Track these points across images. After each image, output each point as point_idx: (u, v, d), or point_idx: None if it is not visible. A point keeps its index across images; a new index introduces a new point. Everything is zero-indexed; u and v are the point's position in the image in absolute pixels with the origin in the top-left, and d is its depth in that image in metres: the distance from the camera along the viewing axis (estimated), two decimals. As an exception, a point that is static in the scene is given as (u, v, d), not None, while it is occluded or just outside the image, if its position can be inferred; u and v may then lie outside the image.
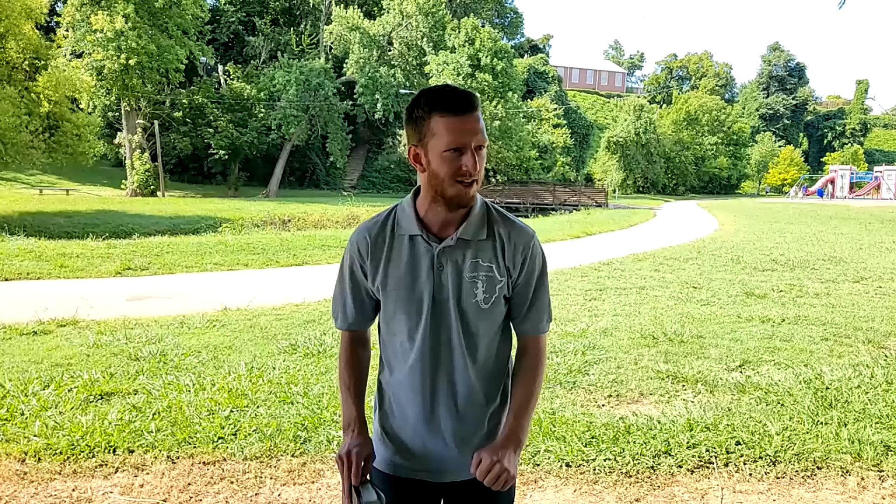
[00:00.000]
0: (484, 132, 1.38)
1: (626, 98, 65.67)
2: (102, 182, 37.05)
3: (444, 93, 1.38)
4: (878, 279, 9.58)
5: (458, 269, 1.45)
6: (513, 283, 1.50)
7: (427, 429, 1.51)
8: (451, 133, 1.35)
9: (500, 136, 35.84)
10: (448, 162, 1.37)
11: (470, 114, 1.36)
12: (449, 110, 1.36)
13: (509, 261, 1.48)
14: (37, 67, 21.07)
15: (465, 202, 1.42)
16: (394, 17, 41.33)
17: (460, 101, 1.36)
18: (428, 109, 1.37)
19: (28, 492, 2.95)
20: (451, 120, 1.36)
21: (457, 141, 1.36)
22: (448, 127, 1.35)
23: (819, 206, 35.05)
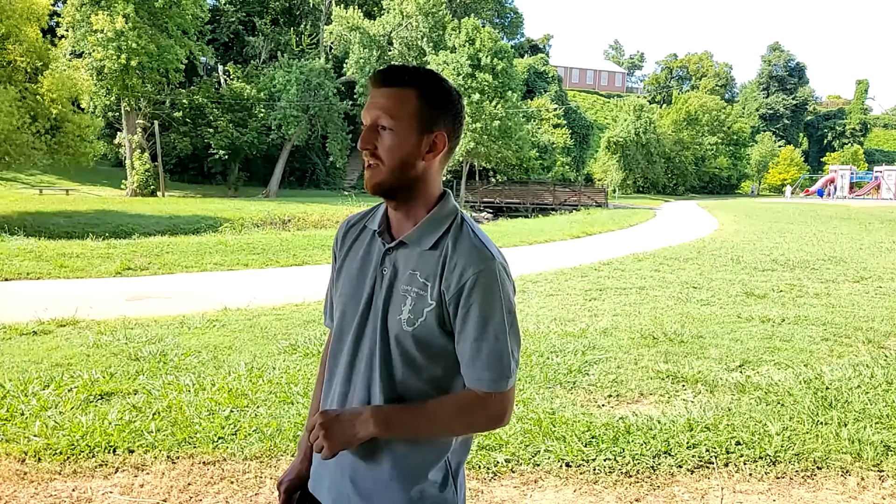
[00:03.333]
0: (391, 111, 1.20)
1: (626, 98, 65.66)
2: (102, 182, 37.04)
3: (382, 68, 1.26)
4: (878, 279, 9.57)
5: (395, 278, 1.25)
6: (450, 317, 1.21)
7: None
8: (366, 108, 1.24)
9: (500, 136, 35.78)
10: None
11: (381, 87, 1.22)
12: (371, 83, 1.25)
13: (444, 285, 1.20)
14: (37, 69, 21.07)
15: (368, 186, 1.25)
16: (394, 18, 41.32)
17: (381, 73, 1.23)
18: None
19: (28, 492, 2.95)
20: (370, 94, 1.25)
21: (365, 115, 1.23)
22: (367, 101, 1.25)
23: (819, 206, 35.04)
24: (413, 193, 1.26)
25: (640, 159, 52.27)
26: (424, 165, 1.25)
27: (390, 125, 1.21)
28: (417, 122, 1.22)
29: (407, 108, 1.21)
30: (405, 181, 1.24)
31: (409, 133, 1.22)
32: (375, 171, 1.23)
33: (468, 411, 1.23)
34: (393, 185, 1.24)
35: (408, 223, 1.27)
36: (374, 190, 1.24)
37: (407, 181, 1.24)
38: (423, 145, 1.24)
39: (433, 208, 1.27)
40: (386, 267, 1.26)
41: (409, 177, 1.24)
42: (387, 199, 1.27)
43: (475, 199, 37.17)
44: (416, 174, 1.24)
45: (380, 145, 1.21)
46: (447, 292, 1.20)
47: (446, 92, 1.26)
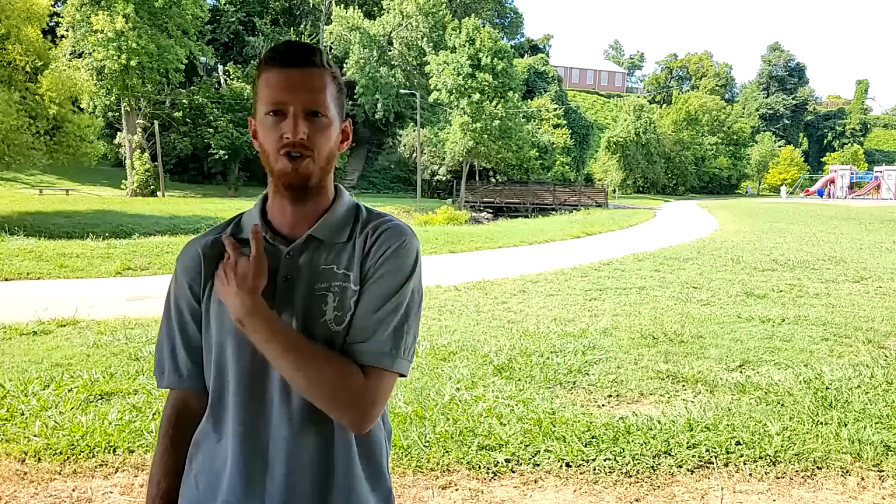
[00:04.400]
0: (324, 98, 1.07)
1: (626, 98, 65.69)
2: (102, 182, 37.04)
3: (278, 45, 1.09)
4: (878, 279, 9.57)
5: (307, 280, 1.09)
6: (351, 293, 1.09)
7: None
8: (270, 89, 1.05)
9: (500, 135, 35.82)
10: (269, 128, 1.06)
11: (297, 68, 1.05)
12: (271, 62, 1.06)
13: (370, 262, 1.10)
14: (37, 69, 21.07)
15: (296, 182, 1.07)
16: (394, 18, 41.36)
17: (290, 51, 1.06)
18: (258, 67, 1.08)
19: (28, 492, 2.95)
20: (272, 74, 1.06)
21: (274, 99, 1.05)
22: (268, 82, 1.06)
23: (819, 206, 35.04)
24: (325, 187, 1.14)
25: (640, 159, 52.29)
26: (336, 156, 1.14)
27: (323, 111, 1.07)
28: (339, 108, 1.12)
29: (330, 91, 1.09)
30: (327, 174, 1.12)
31: (335, 120, 1.10)
32: (306, 164, 1.06)
33: (346, 377, 1.03)
34: (319, 179, 1.10)
35: (307, 219, 1.12)
36: (302, 183, 1.07)
37: (328, 174, 1.13)
38: (342, 134, 1.15)
39: (334, 201, 1.16)
40: (291, 271, 1.09)
41: (330, 169, 1.12)
42: (303, 194, 1.10)
43: (475, 199, 37.18)
44: (333, 166, 1.15)
45: (311, 134, 1.06)
46: (372, 268, 1.10)
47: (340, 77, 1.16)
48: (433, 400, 3.95)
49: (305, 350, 1.04)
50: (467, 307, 7.38)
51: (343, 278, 1.09)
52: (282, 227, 1.13)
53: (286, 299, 1.08)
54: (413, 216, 28.63)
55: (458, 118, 35.09)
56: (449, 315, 6.94)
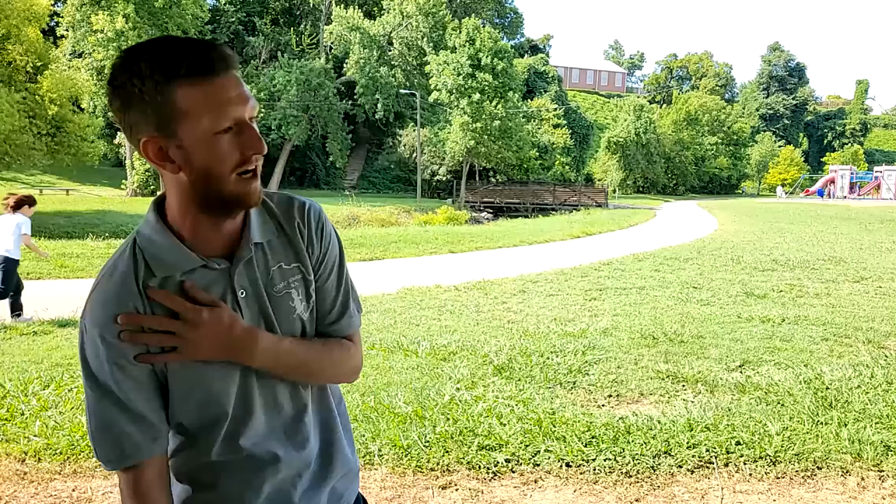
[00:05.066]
0: (253, 97, 0.98)
1: (626, 98, 65.68)
2: (102, 182, 37.06)
3: (179, 49, 0.92)
4: (878, 279, 9.57)
5: (265, 286, 1.06)
6: (316, 275, 1.12)
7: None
8: (215, 105, 0.92)
9: (500, 135, 35.82)
10: (222, 149, 0.94)
11: (229, 73, 0.94)
12: (198, 72, 0.91)
13: (313, 248, 1.11)
14: (37, 69, 21.08)
15: (254, 201, 1.00)
16: (394, 18, 41.33)
17: (210, 55, 0.93)
18: (162, 78, 0.91)
19: (28, 492, 2.95)
20: (207, 86, 0.92)
21: (228, 114, 0.93)
22: (207, 97, 0.92)
23: (819, 206, 35.05)
24: None
25: (640, 159, 52.29)
26: None
27: (256, 117, 1.00)
28: None
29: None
30: None
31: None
32: (258, 179, 1.00)
33: (345, 355, 1.16)
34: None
35: (235, 229, 1.04)
36: (257, 202, 1.01)
37: None
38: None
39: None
40: (243, 287, 1.04)
41: None
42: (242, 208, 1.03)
43: (475, 200, 37.18)
44: None
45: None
46: (319, 254, 1.12)
47: None
48: (433, 400, 3.95)
49: (310, 352, 1.10)
50: (467, 307, 7.38)
51: (298, 271, 1.09)
52: (207, 246, 1.02)
53: (254, 313, 1.05)
54: (413, 216, 28.64)
55: (458, 118, 35.09)
56: (449, 315, 6.94)
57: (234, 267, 1.03)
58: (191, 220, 1.01)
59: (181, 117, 0.92)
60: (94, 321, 0.97)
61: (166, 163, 0.96)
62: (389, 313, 6.95)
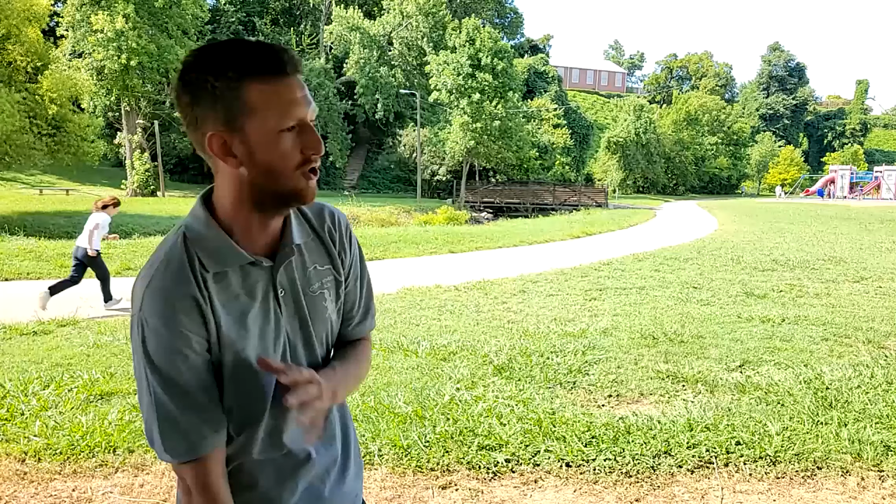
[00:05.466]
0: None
1: (626, 98, 65.68)
2: (102, 182, 37.06)
3: (254, 50, 0.97)
4: (878, 279, 9.57)
5: (302, 286, 1.10)
6: (345, 288, 1.19)
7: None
8: (283, 104, 0.97)
9: (500, 136, 35.83)
10: (285, 147, 0.98)
11: (296, 76, 0.99)
12: (270, 71, 0.96)
13: (345, 252, 1.17)
14: (37, 69, 21.09)
15: (312, 197, 1.04)
16: (394, 18, 41.37)
17: (282, 58, 0.97)
18: (235, 75, 0.95)
19: (28, 492, 2.95)
20: (277, 86, 0.96)
21: (293, 114, 0.97)
22: (276, 96, 0.96)
23: (819, 206, 35.04)
24: None
25: (640, 159, 52.30)
26: None
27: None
28: None
29: None
30: None
31: None
32: (317, 176, 1.05)
33: (368, 358, 1.26)
34: None
35: (276, 230, 1.08)
36: (314, 197, 1.07)
37: None
38: None
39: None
40: (283, 286, 1.08)
41: None
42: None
43: (475, 200, 37.19)
44: None
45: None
46: (346, 258, 1.18)
47: None
48: (433, 400, 3.95)
49: (354, 374, 1.20)
50: (467, 307, 7.38)
51: (330, 273, 1.15)
52: (255, 243, 1.05)
53: (290, 312, 1.09)
54: (413, 216, 28.64)
55: (458, 118, 35.10)
56: (449, 315, 6.94)
57: (276, 266, 1.06)
58: (243, 216, 1.03)
59: (249, 113, 0.96)
60: (156, 312, 0.97)
61: (228, 157, 0.99)
62: (389, 313, 6.95)
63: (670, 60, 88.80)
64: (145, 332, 0.98)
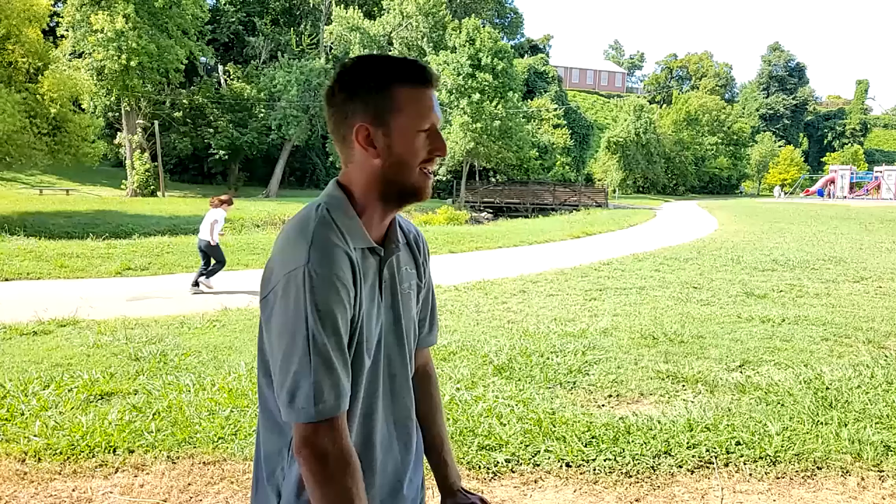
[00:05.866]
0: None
1: (626, 98, 65.69)
2: (102, 182, 37.07)
3: (405, 61, 1.13)
4: (878, 279, 9.57)
5: (399, 280, 1.22)
6: (425, 287, 1.33)
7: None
8: (423, 108, 1.12)
9: (500, 136, 35.82)
10: (419, 144, 1.12)
11: (433, 88, 1.14)
12: (416, 80, 1.12)
13: (425, 266, 1.31)
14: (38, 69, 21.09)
15: (427, 194, 1.16)
16: (394, 18, 41.36)
17: (424, 70, 1.13)
18: (388, 78, 1.11)
19: (28, 492, 2.95)
20: (420, 92, 1.12)
21: (429, 118, 1.12)
22: (419, 100, 1.11)
23: (819, 206, 35.04)
24: None
25: (640, 159, 52.29)
26: None
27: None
28: None
29: None
30: None
31: None
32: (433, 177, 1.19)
33: (436, 382, 1.40)
34: None
35: (385, 228, 1.19)
36: (427, 196, 1.19)
37: None
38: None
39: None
40: (384, 280, 1.19)
41: None
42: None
43: (475, 200, 37.18)
44: None
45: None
46: (424, 270, 1.31)
47: None
48: (433, 400, 3.94)
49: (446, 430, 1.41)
50: (467, 307, 7.38)
51: (415, 277, 1.27)
52: (373, 233, 1.16)
53: (388, 303, 1.20)
54: (413, 216, 28.63)
55: (459, 118, 35.09)
56: (449, 315, 6.94)
57: (384, 257, 1.18)
58: (370, 205, 1.15)
59: (396, 111, 1.10)
60: (324, 264, 1.04)
61: (369, 147, 1.11)
62: (389, 313, 6.94)
63: (670, 60, 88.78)
64: (314, 283, 1.02)
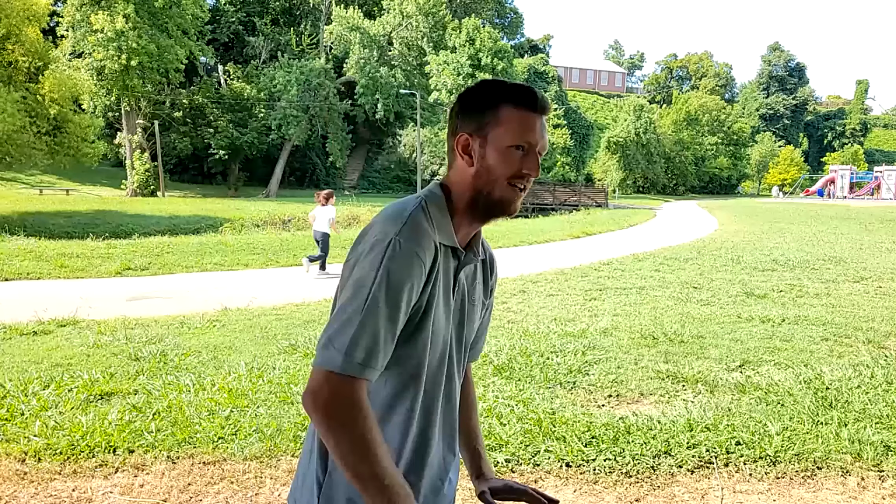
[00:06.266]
0: (547, 140, 1.25)
1: (626, 98, 65.68)
2: (102, 182, 37.07)
3: (518, 85, 1.24)
4: (878, 279, 9.57)
5: (467, 290, 1.30)
6: (487, 305, 1.41)
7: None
8: (522, 127, 1.20)
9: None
10: (510, 159, 1.20)
11: (542, 115, 1.23)
12: (524, 104, 1.21)
13: (493, 287, 1.40)
14: (38, 69, 21.09)
15: (512, 210, 1.24)
16: (394, 18, 41.34)
17: (537, 97, 1.23)
18: (498, 97, 1.22)
19: (28, 492, 2.95)
20: (525, 114, 1.21)
21: (526, 137, 1.21)
22: (520, 120, 1.20)
23: (819, 206, 35.04)
24: None
25: (640, 159, 52.29)
26: None
27: (543, 154, 1.26)
28: None
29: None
30: None
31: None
32: (523, 196, 1.25)
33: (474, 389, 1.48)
34: None
35: (471, 234, 1.29)
36: (513, 213, 1.26)
37: None
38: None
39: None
40: (460, 284, 1.27)
41: None
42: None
43: (475, 199, 37.10)
44: None
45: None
46: (492, 289, 1.41)
47: None
48: (433, 400, 3.94)
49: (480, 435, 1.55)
50: (467, 307, 7.37)
51: (483, 295, 1.36)
52: (461, 240, 1.26)
53: (457, 307, 1.27)
54: (413, 216, 28.57)
55: (459, 118, 35.08)
56: (449, 315, 6.93)
57: (462, 262, 1.26)
58: (460, 210, 1.24)
59: (496, 125, 1.20)
60: (411, 238, 1.13)
61: (466, 155, 1.22)
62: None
63: (670, 60, 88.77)
64: (396, 250, 1.11)
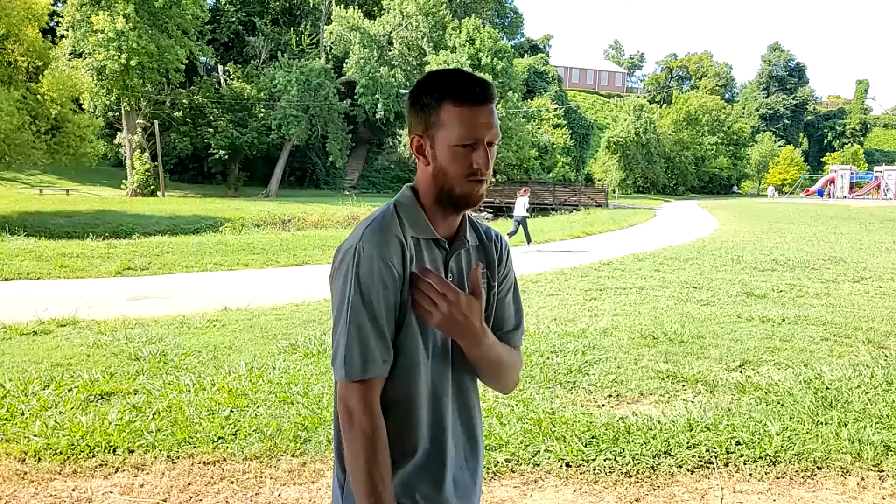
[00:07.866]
0: (498, 127, 1.24)
1: (626, 98, 65.66)
2: (102, 182, 37.07)
3: (458, 78, 1.22)
4: (878, 279, 9.57)
5: (465, 278, 1.30)
6: (496, 293, 1.38)
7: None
8: (464, 126, 1.20)
9: (500, 135, 35.86)
10: (459, 157, 1.22)
11: (485, 105, 1.22)
12: (463, 99, 1.21)
13: (501, 266, 1.39)
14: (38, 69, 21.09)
15: (475, 202, 1.26)
16: (394, 17, 41.32)
17: (476, 89, 1.22)
18: (438, 96, 1.22)
19: (28, 492, 2.95)
20: (465, 110, 1.21)
21: (470, 135, 1.21)
22: (461, 118, 1.20)
23: (819, 206, 35.04)
24: None
25: (640, 159, 52.28)
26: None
27: (496, 142, 1.27)
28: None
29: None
30: None
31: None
32: (483, 188, 1.28)
33: (518, 363, 1.39)
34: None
35: (454, 224, 1.31)
36: (478, 204, 1.28)
37: None
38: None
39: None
40: (452, 273, 1.29)
41: None
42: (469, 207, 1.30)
43: (475, 199, 37.09)
44: None
45: (491, 162, 1.27)
46: (500, 273, 1.38)
47: None
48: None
49: (509, 355, 1.34)
50: (467, 307, 7.36)
51: (486, 276, 1.34)
52: (438, 227, 1.29)
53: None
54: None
55: (458, 118, 35.09)
56: (449, 315, 6.93)
57: (450, 252, 1.29)
58: (430, 206, 1.28)
59: (440, 126, 1.23)
60: (372, 242, 1.19)
61: (420, 156, 1.27)
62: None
63: (670, 60, 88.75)
64: (360, 258, 1.19)
